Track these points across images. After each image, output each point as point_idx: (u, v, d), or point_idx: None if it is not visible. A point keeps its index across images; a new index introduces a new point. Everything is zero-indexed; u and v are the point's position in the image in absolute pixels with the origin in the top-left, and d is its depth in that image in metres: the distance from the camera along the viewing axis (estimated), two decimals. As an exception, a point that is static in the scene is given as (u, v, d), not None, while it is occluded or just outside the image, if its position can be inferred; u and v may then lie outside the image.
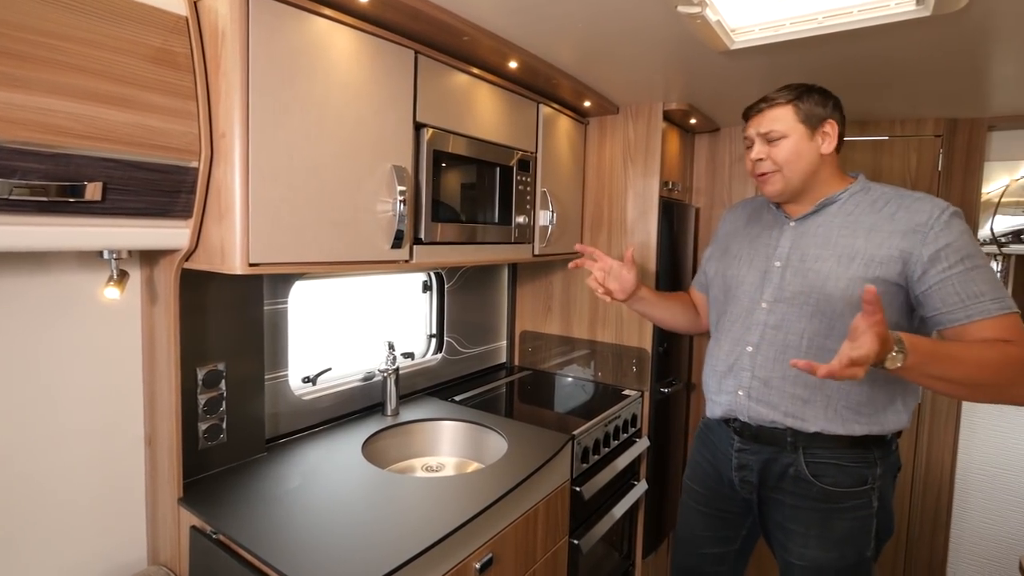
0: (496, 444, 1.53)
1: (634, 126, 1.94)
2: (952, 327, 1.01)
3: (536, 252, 1.79)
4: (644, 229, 1.94)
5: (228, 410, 1.26)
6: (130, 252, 1.06)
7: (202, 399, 1.20)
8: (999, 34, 1.20)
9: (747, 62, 1.43)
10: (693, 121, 2.05)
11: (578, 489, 1.52)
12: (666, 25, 1.20)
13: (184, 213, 1.00)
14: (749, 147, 1.20)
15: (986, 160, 1.99)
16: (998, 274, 2.02)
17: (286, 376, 1.44)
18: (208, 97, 0.97)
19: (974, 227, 2.01)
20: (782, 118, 1.14)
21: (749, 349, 1.20)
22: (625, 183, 1.97)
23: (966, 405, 2.04)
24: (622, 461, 1.75)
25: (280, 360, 1.42)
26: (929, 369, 0.91)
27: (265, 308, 1.35)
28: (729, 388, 1.23)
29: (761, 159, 1.16)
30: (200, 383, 1.20)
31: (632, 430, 1.88)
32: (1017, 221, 2.00)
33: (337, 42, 1.10)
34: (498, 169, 1.57)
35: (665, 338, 2.00)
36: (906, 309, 1.09)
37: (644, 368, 1.96)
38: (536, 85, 1.66)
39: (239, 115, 0.94)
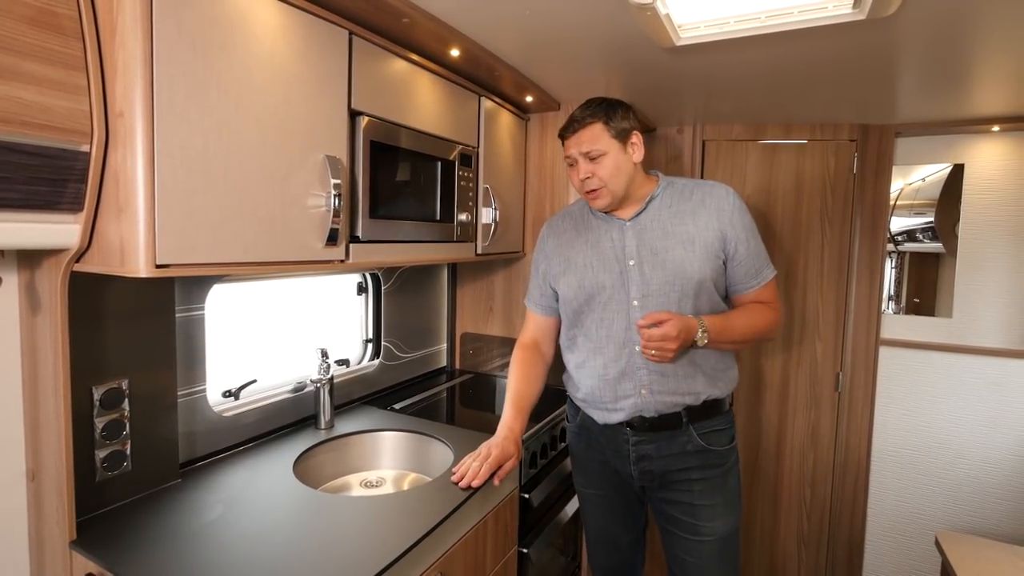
0: (441, 454, 1.44)
1: (575, 123, 1.91)
2: (743, 294, 1.28)
3: (479, 251, 1.72)
4: (586, 227, 1.92)
5: (133, 433, 1.09)
6: (2, 252, 0.89)
7: (100, 423, 1.04)
8: (911, 45, 1.28)
9: (687, 61, 1.43)
10: (632, 120, 2.06)
11: (527, 496, 1.47)
12: (615, 16, 1.17)
13: (73, 206, 0.84)
14: (572, 165, 1.26)
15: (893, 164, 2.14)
16: (893, 270, 2.19)
17: (204, 391, 1.28)
18: (102, 69, 0.83)
19: (885, 227, 2.16)
20: (598, 136, 1.21)
21: (637, 348, 1.22)
22: (567, 181, 1.94)
23: (879, 396, 2.18)
24: (569, 463, 1.72)
25: (196, 373, 1.26)
26: (722, 338, 1.19)
27: (177, 315, 1.19)
28: (628, 391, 1.24)
29: (588, 177, 1.23)
30: (97, 404, 1.03)
31: (578, 431, 1.85)
32: (910, 222, 2.17)
33: (260, 15, 0.97)
34: (439, 163, 1.49)
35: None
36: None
37: (588, 368, 1.94)
38: (478, 76, 1.59)
39: (141, 90, 0.80)
